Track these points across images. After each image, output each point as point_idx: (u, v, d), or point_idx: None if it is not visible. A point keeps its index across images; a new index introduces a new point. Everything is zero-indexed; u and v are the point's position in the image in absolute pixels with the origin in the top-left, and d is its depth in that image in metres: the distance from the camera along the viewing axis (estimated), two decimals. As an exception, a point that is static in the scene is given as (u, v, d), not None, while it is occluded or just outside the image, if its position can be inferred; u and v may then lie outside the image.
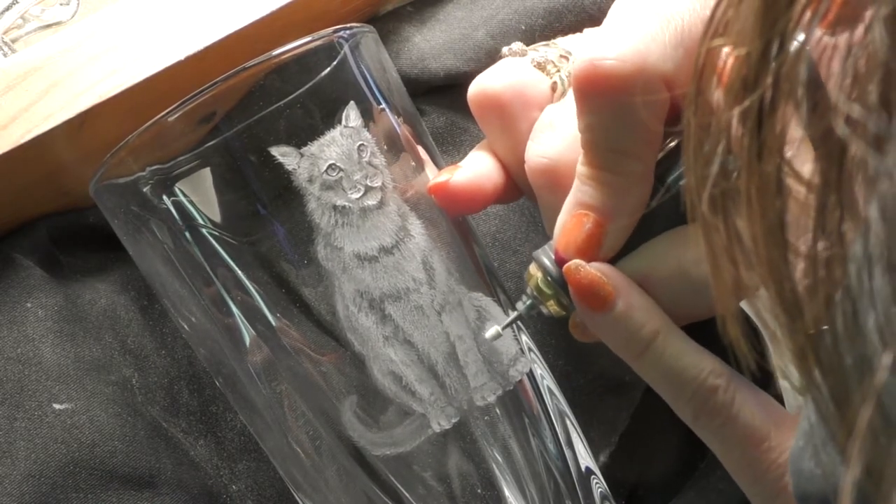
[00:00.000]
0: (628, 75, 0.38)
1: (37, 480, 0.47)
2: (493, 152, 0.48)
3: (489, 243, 0.57)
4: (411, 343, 0.43)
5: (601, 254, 0.41)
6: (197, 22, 0.52)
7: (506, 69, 0.47)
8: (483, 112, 0.47)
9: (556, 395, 0.47)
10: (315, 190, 0.42)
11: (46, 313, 0.52)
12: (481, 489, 0.44)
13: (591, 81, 0.38)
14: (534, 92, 0.46)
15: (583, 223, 0.41)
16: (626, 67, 0.38)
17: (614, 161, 0.40)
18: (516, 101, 0.46)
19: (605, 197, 0.40)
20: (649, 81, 0.38)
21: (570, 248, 0.41)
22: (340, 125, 0.43)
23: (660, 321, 0.41)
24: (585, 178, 0.41)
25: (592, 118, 0.40)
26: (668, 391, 0.41)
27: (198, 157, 0.41)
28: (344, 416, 0.43)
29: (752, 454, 0.39)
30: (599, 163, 0.40)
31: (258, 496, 0.52)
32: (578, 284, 0.41)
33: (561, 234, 0.42)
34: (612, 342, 0.42)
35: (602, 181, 0.40)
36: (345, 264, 0.42)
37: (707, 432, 0.40)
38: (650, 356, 0.41)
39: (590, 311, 0.41)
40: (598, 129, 0.40)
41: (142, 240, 0.44)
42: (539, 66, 0.47)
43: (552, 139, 0.44)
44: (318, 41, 0.43)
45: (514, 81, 0.46)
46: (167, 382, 0.53)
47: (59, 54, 0.51)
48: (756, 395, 0.40)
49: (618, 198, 0.40)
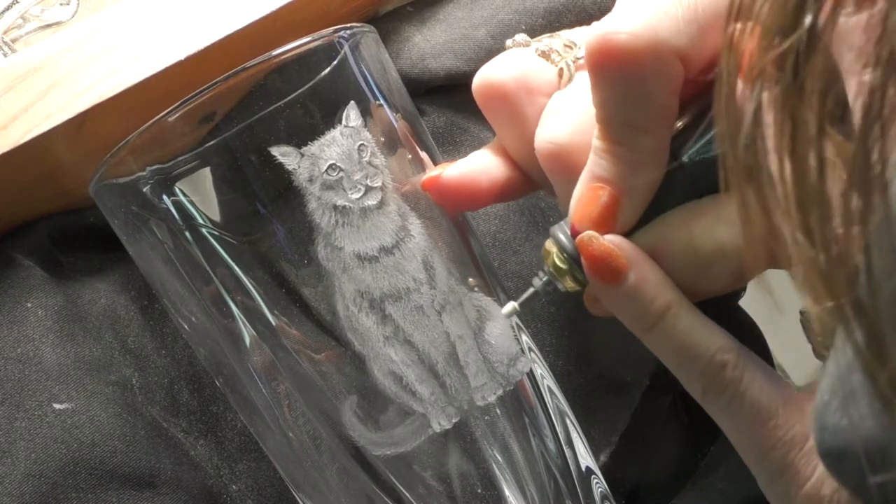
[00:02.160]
0: (640, 49, 0.38)
1: (37, 480, 0.47)
2: (498, 149, 0.48)
3: (489, 243, 0.57)
4: (412, 343, 0.43)
5: (616, 227, 0.41)
6: (197, 22, 0.52)
7: (510, 59, 0.47)
8: (489, 103, 0.47)
9: (557, 394, 0.47)
10: (315, 190, 0.42)
11: (46, 313, 0.52)
12: (481, 489, 0.44)
13: (603, 55, 0.38)
14: (539, 80, 0.46)
15: (598, 196, 0.41)
16: (639, 41, 0.38)
17: (628, 135, 0.40)
18: (522, 89, 0.46)
19: (620, 170, 0.40)
20: (661, 56, 0.38)
21: (586, 221, 0.41)
22: (341, 125, 0.43)
23: (672, 295, 0.41)
24: (601, 152, 0.41)
25: (606, 92, 0.40)
26: (677, 366, 0.41)
27: (198, 157, 0.41)
28: (344, 416, 0.43)
29: (758, 432, 0.39)
30: (614, 137, 0.40)
31: (258, 496, 0.52)
32: (591, 256, 0.41)
33: (576, 208, 0.42)
34: (623, 315, 0.42)
35: (617, 155, 0.40)
36: (345, 264, 0.42)
37: (715, 408, 0.40)
38: (661, 330, 0.41)
39: (602, 283, 0.41)
40: (612, 104, 0.40)
41: (142, 240, 0.44)
42: (543, 54, 0.47)
43: (561, 123, 0.44)
44: (318, 41, 0.43)
45: (518, 71, 0.46)
46: (167, 382, 0.53)
47: (59, 54, 0.51)
48: (765, 372, 0.40)
49: (632, 171, 0.40)
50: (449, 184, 0.46)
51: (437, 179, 0.46)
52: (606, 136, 0.40)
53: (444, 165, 0.47)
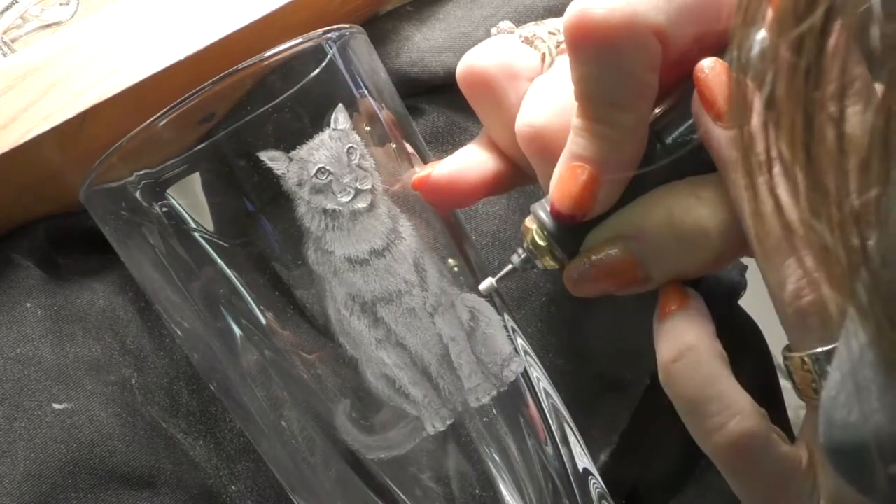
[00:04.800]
0: (617, 25, 0.38)
1: (36, 480, 0.47)
2: (486, 143, 0.48)
3: (489, 243, 0.57)
4: (404, 346, 0.43)
5: (596, 206, 0.41)
6: (196, 22, 0.52)
7: (493, 45, 0.47)
8: (473, 90, 0.47)
9: (553, 395, 0.47)
10: (305, 194, 0.42)
11: (46, 313, 0.52)
12: (479, 490, 0.44)
13: (580, 31, 0.39)
14: (522, 65, 0.46)
15: (577, 175, 0.41)
16: (615, 17, 0.38)
17: (607, 112, 0.40)
18: (504, 74, 0.46)
19: (599, 149, 0.40)
20: (638, 31, 0.38)
21: (566, 200, 0.41)
22: (329, 128, 0.43)
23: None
24: (579, 131, 0.41)
25: (584, 69, 0.40)
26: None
27: (187, 162, 0.41)
28: (338, 420, 0.43)
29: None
30: (592, 114, 0.40)
31: (258, 497, 0.52)
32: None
33: (556, 186, 0.42)
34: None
35: (595, 133, 0.40)
36: (336, 268, 0.42)
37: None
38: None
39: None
40: (590, 81, 0.40)
41: (133, 245, 0.44)
42: (527, 41, 0.47)
43: (541, 107, 0.44)
44: (306, 44, 0.43)
45: (501, 56, 0.46)
46: (166, 383, 0.53)
47: (59, 54, 0.51)
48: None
49: (612, 149, 0.40)
50: (439, 181, 0.46)
51: (427, 178, 0.46)
52: (585, 113, 0.40)
53: (433, 164, 0.47)
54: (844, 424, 0.28)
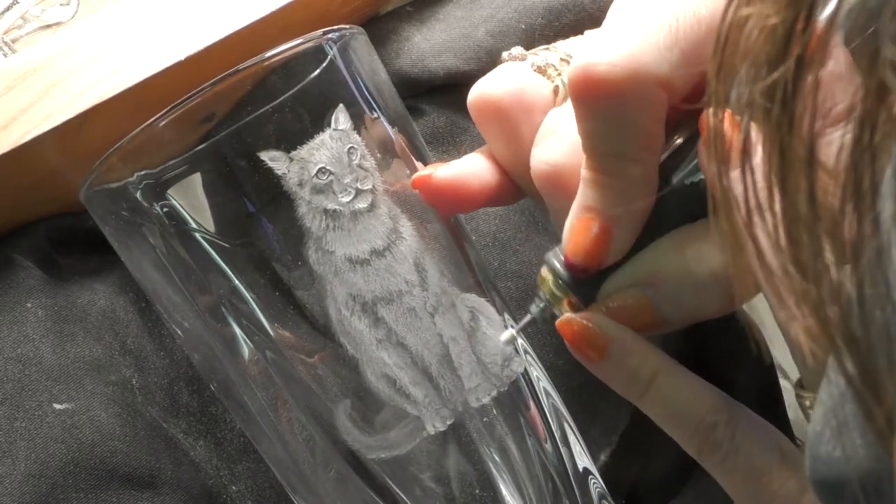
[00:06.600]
0: (621, 79, 0.37)
1: (37, 480, 0.47)
2: (491, 155, 0.48)
3: (489, 243, 0.57)
4: (404, 346, 0.43)
5: (609, 257, 0.41)
6: (196, 22, 0.52)
7: (506, 74, 0.47)
8: (483, 118, 0.47)
9: (553, 395, 0.47)
10: (305, 194, 0.42)
11: (46, 314, 0.52)
12: (479, 490, 0.44)
13: (584, 87, 0.38)
14: (535, 96, 0.46)
15: (589, 227, 0.41)
16: (618, 72, 0.37)
17: (614, 165, 0.40)
18: (517, 106, 0.46)
19: (609, 201, 0.40)
20: (642, 85, 0.38)
21: (579, 253, 0.41)
22: (330, 128, 0.43)
23: (656, 362, 0.41)
24: (589, 183, 0.41)
25: (589, 124, 0.40)
26: (671, 428, 0.41)
27: (187, 162, 0.41)
28: (338, 420, 0.43)
29: (753, 486, 0.39)
30: (600, 167, 0.40)
31: (258, 497, 0.52)
32: (572, 337, 0.42)
33: (569, 239, 0.42)
34: (614, 386, 0.42)
35: (604, 185, 0.40)
36: (336, 268, 0.42)
37: (710, 465, 0.41)
38: (651, 397, 0.41)
39: (587, 360, 0.42)
40: (596, 135, 0.40)
41: (133, 245, 0.44)
42: (540, 70, 0.47)
43: (555, 144, 0.44)
44: (307, 44, 0.43)
45: (514, 86, 0.46)
46: (167, 383, 0.53)
47: (59, 54, 0.51)
48: (758, 427, 0.40)
49: (621, 201, 0.40)
50: (439, 184, 0.46)
51: (427, 178, 0.46)
52: (593, 166, 0.40)
53: (435, 165, 0.47)
54: (829, 459, 0.28)
